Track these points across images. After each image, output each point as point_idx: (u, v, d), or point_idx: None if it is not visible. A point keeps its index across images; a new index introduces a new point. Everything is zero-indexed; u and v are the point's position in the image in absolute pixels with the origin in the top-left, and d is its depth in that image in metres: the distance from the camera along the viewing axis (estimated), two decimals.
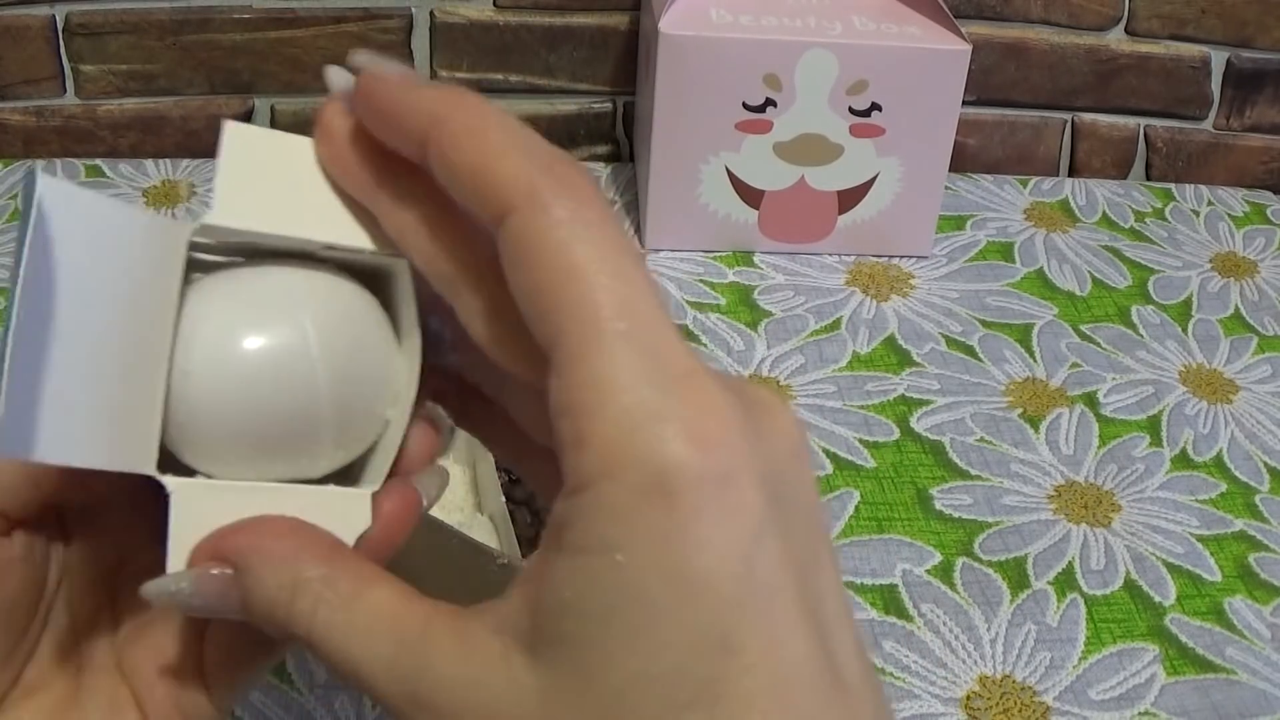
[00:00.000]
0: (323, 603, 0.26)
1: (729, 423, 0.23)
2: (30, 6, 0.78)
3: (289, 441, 0.28)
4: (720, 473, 0.22)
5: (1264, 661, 0.54)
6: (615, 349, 0.22)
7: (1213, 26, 0.85)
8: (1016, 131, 0.88)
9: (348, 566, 0.26)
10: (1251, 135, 0.89)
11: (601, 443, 0.22)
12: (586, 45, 0.82)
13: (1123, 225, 0.83)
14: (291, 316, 0.28)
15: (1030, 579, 0.57)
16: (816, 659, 0.23)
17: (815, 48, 0.70)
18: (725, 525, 0.22)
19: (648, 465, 0.22)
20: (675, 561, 0.22)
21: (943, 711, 0.51)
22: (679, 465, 0.22)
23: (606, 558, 0.22)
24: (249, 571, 0.26)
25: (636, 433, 0.22)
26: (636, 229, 0.78)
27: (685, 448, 0.22)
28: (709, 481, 0.22)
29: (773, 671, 0.22)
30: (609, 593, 0.22)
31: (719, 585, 0.22)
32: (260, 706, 0.49)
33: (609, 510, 0.22)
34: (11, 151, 0.82)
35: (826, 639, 0.23)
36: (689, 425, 0.22)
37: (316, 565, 0.26)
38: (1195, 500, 0.62)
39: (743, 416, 0.23)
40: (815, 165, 0.74)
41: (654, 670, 0.22)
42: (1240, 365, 0.71)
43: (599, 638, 0.22)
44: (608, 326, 0.22)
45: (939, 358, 0.70)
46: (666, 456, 0.22)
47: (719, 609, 0.22)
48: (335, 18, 0.80)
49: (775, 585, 0.22)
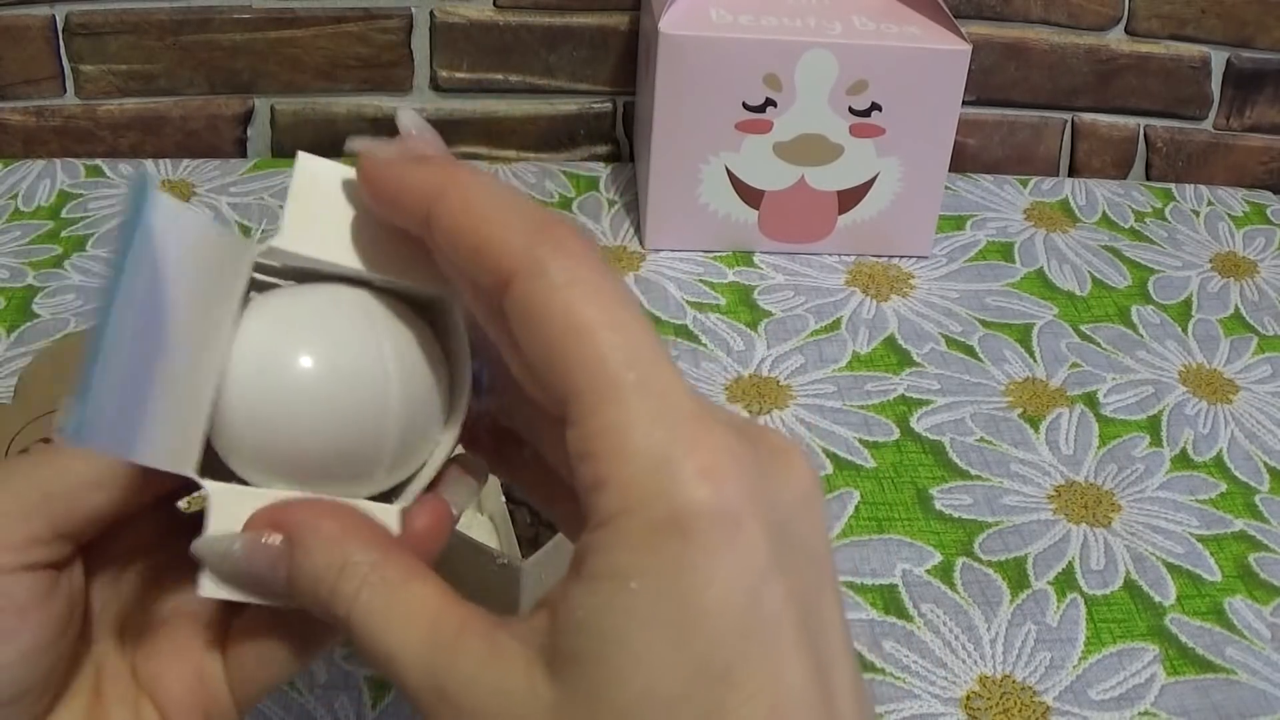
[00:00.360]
0: (367, 586, 0.26)
1: (740, 465, 0.24)
2: (30, 6, 0.78)
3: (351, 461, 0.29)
4: (730, 511, 0.23)
5: (1264, 661, 0.54)
6: (628, 397, 0.24)
7: (1213, 26, 0.85)
8: (1016, 131, 0.88)
9: (396, 557, 0.27)
10: (1251, 135, 0.89)
11: (620, 482, 0.24)
12: (586, 45, 0.82)
13: (1123, 225, 0.83)
14: (368, 337, 0.29)
15: (1030, 579, 0.57)
16: (813, 693, 0.24)
17: (815, 48, 0.70)
18: (733, 561, 0.23)
19: (663, 502, 0.23)
20: (685, 592, 0.23)
21: (943, 711, 0.51)
22: (692, 503, 0.23)
23: (621, 584, 0.23)
24: (301, 544, 0.27)
25: (652, 473, 0.24)
26: (636, 229, 0.78)
27: (698, 487, 0.23)
28: (720, 519, 0.23)
29: (771, 703, 0.23)
30: (622, 616, 0.23)
31: (725, 617, 0.23)
32: (260, 706, 0.49)
33: (626, 542, 0.23)
34: (11, 151, 0.82)
35: (825, 674, 0.24)
36: (701, 465, 0.24)
37: (366, 550, 0.27)
38: (1195, 500, 0.62)
39: (753, 460, 0.24)
40: (815, 165, 0.74)
41: (659, 692, 0.23)
42: (1240, 365, 0.71)
43: (610, 658, 0.23)
44: (619, 378, 0.24)
45: (939, 358, 0.70)
46: (681, 494, 0.23)
47: (724, 640, 0.23)
48: (335, 18, 0.80)
49: (778, 620, 0.23)
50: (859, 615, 0.55)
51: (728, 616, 0.23)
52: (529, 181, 0.82)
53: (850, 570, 0.57)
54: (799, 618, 0.24)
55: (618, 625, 0.23)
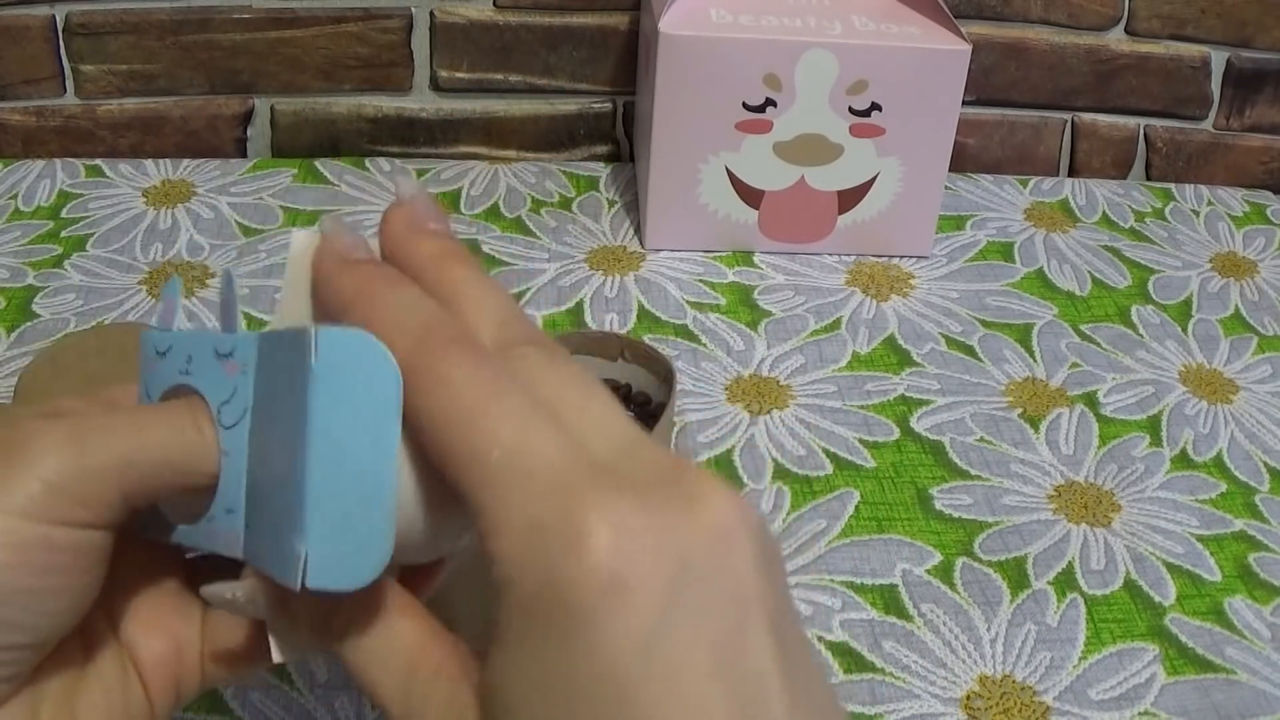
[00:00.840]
0: (355, 624, 0.29)
1: (624, 522, 0.24)
2: (30, 6, 0.78)
3: None
4: (610, 573, 0.24)
5: (1264, 661, 0.54)
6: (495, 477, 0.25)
7: (1213, 26, 0.85)
8: (1016, 131, 0.88)
9: (382, 597, 0.29)
10: (1251, 135, 0.89)
11: (500, 557, 0.25)
12: (586, 45, 0.82)
13: (1123, 225, 0.83)
14: None
15: (1030, 579, 0.57)
16: None
17: (815, 48, 0.70)
18: (618, 624, 0.24)
19: (538, 574, 0.24)
20: (572, 660, 0.24)
21: (943, 711, 0.51)
22: (567, 572, 0.24)
23: (514, 655, 0.25)
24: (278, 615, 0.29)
25: (526, 546, 0.25)
26: (636, 229, 0.78)
27: (571, 555, 0.24)
28: (599, 584, 0.24)
29: None
30: (518, 686, 0.25)
31: (614, 681, 0.23)
32: (260, 706, 0.49)
33: (513, 614, 0.25)
34: (11, 151, 0.82)
35: (748, 707, 0.24)
36: (576, 532, 0.24)
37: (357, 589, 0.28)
38: (1195, 500, 0.62)
39: (644, 512, 0.24)
40: (815, 165, 0.74)
41: None
42: (1240, 365, 0.71)
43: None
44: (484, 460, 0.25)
45: (939, 358, 0.70)
46: (555, 565, 0.24)
47: (622, 697, 0.23)
48: (335, 18, 0.80)
49: (680, 670, 0.24)
50: (859, 615, 0.55)
51: (618, 680, 0.23)
52: (529, 181, 0.82)
53: (850, 570, 0.57)
54: (711, 661, 0.24)
55: (515, 694, 0.25)
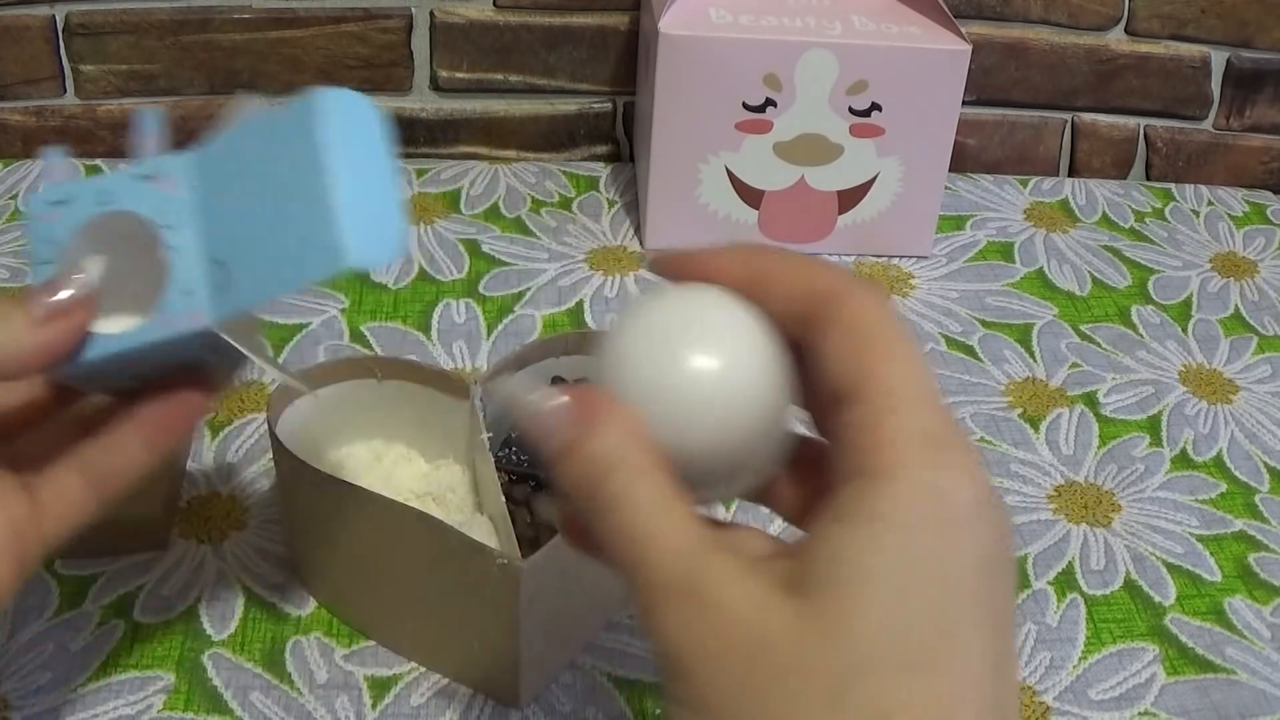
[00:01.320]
0: (642, 478, 0.30)
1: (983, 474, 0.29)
2: (30, 6, 0.78)
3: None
4: (983, 503, 0.28)
5: (1264, 661, 0.54)
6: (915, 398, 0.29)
7: (1213, 26, 0.85)
8: (1016, 131, 0.88)
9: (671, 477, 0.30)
10: (1251, 135, 0.89)
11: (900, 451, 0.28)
12: (586, 45, 0.82)
13: (1123, 225, 0.83)
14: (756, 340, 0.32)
15: (1030, 579, 0.57)
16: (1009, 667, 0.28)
17: (815, 48, 0.70)
18: (976, 544, 0.28)
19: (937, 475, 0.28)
20: (941, 553, 0.27)
21: None
22: (960, 485, 0.28)
23: (885, 529, 0.27)
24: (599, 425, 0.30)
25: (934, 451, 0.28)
26: (636, 229, 0.78)
27: (966, 475, 0.28)
28: (976, 508, 0.28)
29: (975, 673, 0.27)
30: (880, 556, 0.27)
31: (963, 584, 0.27)
32: (260, 706, 0.49)
33: (897, 496, 0.27)
34: (11, 151, 0.82)
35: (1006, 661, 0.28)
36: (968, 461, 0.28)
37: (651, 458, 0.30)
38: (1195, 500, 0.62)
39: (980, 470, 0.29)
40: (815, 165, 0.74)
41: (893, 626, 0.26)
42: (1240, 365, 0.71)
43: (860, 587, 0.27)
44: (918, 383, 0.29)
45: (939, 358, 0.70)
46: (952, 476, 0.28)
47: (956, 602, 0.27)
48: (335, 18, 0.80)
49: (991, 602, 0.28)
50: None
51: (965, 585, 0.27)
52: (529, 181, 0.82)
53: None
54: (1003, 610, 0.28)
55: (874, 562, 0.27)
